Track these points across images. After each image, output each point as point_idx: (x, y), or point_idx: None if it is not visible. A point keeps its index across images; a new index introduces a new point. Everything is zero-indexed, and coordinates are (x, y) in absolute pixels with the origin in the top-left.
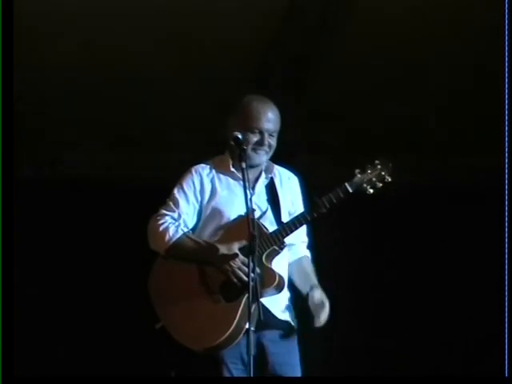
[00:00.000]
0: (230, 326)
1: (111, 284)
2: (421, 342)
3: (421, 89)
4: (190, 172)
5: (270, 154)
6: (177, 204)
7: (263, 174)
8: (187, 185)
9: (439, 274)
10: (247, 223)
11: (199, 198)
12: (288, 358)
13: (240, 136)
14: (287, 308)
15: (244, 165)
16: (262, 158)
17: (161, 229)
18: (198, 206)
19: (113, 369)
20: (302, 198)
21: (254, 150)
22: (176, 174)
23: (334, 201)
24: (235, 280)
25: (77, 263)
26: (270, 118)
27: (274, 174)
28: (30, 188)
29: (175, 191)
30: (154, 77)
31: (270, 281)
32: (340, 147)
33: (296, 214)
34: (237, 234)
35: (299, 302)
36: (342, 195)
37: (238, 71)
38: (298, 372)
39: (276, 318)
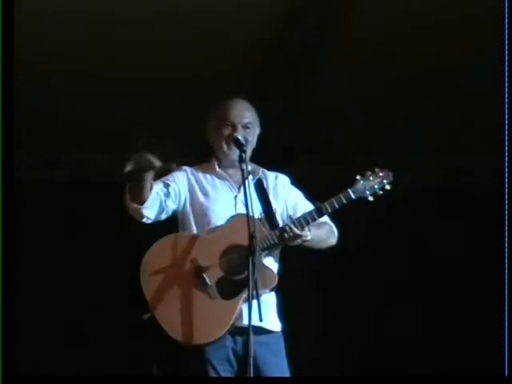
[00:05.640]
0: (227, 325)
1: (111, 284)
2: (421, 341)
3: (421, 89)
4: (178, 168)
5: (248, 149)
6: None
7: (250, 176)
8: (169, 176)
9: (439, 273)
10: (247, 224)
11: (182, 187)
12: (275, 359)
13: (240, 137)
14: (274, 315)
15: (244, 166)
16: (238, 152)
17: None
18: (179, 192)
19: (112, 369)
20: (300, 192)
21: (228, 143)
22: None
23: (337, 206)
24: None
25: (76, 263)
26: (239, 110)
27: (261, 176)
28: (30, 188)
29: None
30: (154, 77)
31: (270, 282)
32: (340, 147)
33: (296, 216)
34: (232, 233)
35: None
36: (344, 201)
37: (237, 71)
38: (286, 372)
39: (263, 328)
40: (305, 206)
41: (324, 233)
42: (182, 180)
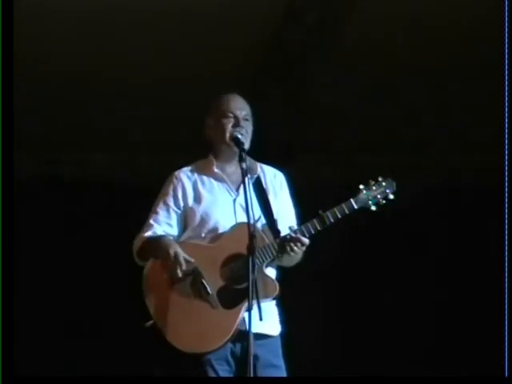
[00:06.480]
0: (228, 334)
1: (110, 285)
2: (421, 341)
3: (420, 89)
4: (171, 179)
5: (247, 142)
6: (157, 219)
7: (248, 175)
8: (167, 194)
9: (439, 273)
10: (247, 226)
11: (182, 204)
12: (273, 360)
13: (239, 136)
14: (274, 320)
15: (244, 165)
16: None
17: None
18: (180, 212)
19: (112, 369)
20: (289, 194)
21: (231, 134)
22: None
23: (339, 216)
24: (172, 273)
25: (76, 263)
26: (238, 103)
27: (259, 173)
28: (30, 188)
29: (156, 204)
30: (154, 77)
31: (272, 291)
32: (340, 147)
33: (298, 227)
34: (234, 242)
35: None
36: (347, 211)
37: (237, 71)
38: (283, 373)
39: (262, 334)
40: (289, 212)
41: (299, 255)
42: (179, 201)
